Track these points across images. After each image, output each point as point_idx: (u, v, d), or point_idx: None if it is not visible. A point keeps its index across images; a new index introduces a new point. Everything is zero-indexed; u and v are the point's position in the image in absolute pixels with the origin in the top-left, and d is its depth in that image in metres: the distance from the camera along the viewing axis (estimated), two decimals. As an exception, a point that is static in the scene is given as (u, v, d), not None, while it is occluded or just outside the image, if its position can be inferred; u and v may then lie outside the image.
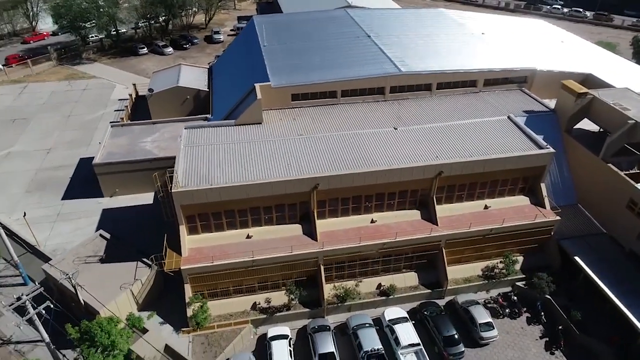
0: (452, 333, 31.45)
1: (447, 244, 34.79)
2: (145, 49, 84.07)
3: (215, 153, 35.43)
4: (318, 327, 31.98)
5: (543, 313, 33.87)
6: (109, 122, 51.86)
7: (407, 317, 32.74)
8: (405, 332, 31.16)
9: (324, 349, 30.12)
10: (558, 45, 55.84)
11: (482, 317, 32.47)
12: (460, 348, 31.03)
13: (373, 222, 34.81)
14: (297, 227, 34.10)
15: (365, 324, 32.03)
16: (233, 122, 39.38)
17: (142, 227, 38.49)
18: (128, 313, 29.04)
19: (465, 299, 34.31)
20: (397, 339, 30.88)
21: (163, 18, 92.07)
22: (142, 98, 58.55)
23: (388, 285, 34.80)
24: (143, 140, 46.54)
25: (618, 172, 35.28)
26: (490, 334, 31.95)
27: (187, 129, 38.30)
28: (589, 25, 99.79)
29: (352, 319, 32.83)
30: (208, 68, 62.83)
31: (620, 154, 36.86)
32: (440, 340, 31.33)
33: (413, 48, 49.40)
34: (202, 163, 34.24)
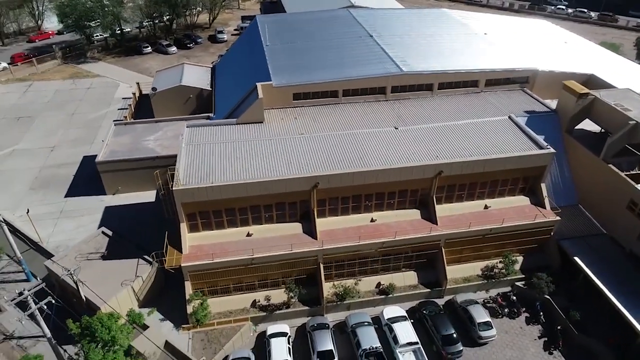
0: (450, 332, 31.54)
1: (446, 244, 34.87)
2: (149, 48, 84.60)
3: (217, 151, 35.66)
4: (317, 325, 32.12)
5: (542, 313, 33.86)
6: (113, 120, 52.25)
7: (405, 315, 32.84)
8: (404, 330, 31.28)
9: (323, 347, 30.29)
10: (561, 46, 55.72)
11: (480, 316, 32.53)
12: (459, 347, 31.12)
13: (373, 221, 34.94)
14: (297, 225, 34.28)
15: (364, 323, 32.16)
16: (234, 120, 39.62)
17: (144, 224, 38.78)
18: (129, 309, 29.33)
19: (465, 299, 34.38)
20: (395, 338, 31.00)
21: (167, 17, 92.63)
22: (145, 97, 58.91)
23: (387, 284, 34.90)
24: (146, 139, 46.88)
25: (618, 172, 35.25)
26: (489, 334, 32.00)
27: (188, 128, 38.59)
28: (594, 26, 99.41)
29: (351, 317, 32.98)
30: (211, 67, 63.13)
31: (621, 155, 36.82)
32: (439, 339, 31.42)
33: (415, 48, 49.48)
34: (203, 161, 34.49)
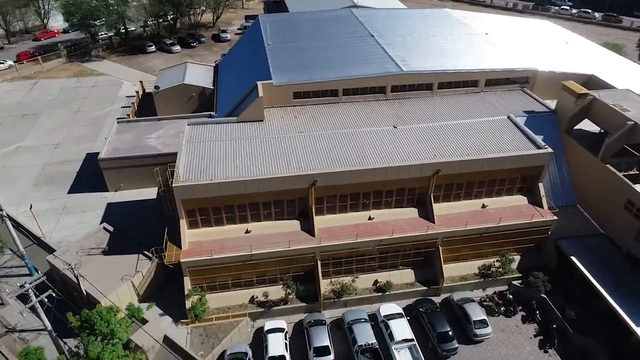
0: (446, 329, 31.78)
1: (443, 242, 35.09)
2: (154, 47, 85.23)
3: (217, 149, 36.07)
4: (314, 321, 32.45)
5: (538, 312, 34.05)
6: (116, 118, 52.80)
7: (402, 313, 33.11)
8: (400, 327, 31.56)
9: (319, 343, 30.62)
10: (562, 46, 55.74)
11: (476, 314, 32.74)
12: (454, 344, 31.37)
13: (371, 219, 35.21)
14: (295, 222, 34.61)
15: (361, 319, 32.46)
16: (235, 119, 40.03)
17: (145, 221, 39.20)
18: (128, 303, 29.76)
19: (461, 297, 34.59)
20: (391, 334, 31.29)
21: (171, 17, 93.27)
22: (148, 95, 59.60)
23: (384, 282, 35.18)
24: (148, 137, 47.39)
25: (616, 172, 35.32)
26: (484, 331, 32.21)
27: (189, 126, 39.04)
28: (598, 27, 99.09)
29: (347, 314, 33.29)
30: (214, 66, 63.63)
31: (620, 155, 36.92)
32: (434, 337, 31.66)
33: (416, 48, 49.73)
34: (203, 159, 34.91)
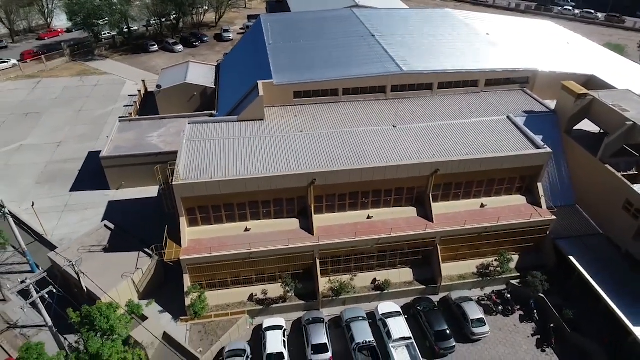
0: (443, 328, 31.94)
1: (441, 241, 35.24)
2: (156, 47, 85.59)
3: (217, 148, 36.33)
4: (312, 319, 32.64)
5: (536, 311, 34.16)
6: (118, 117, 53.15)
7: (400, 311, 33.27)
8: (397, 325, 31.72)
9: (317, 340, 30.82)
10: (563, 47, 55.76)
11: (474, 313, 32.87)
12: (452, 343, 31.53)
13: (369, 218, 35.39)
14: (294, 221, 34.83)
15: (359, 317, 32.63)
16: (235, 118, 40.30)
17: (146, 219, 39.49)
18: (128, 300, 30.05)
19: (459, 296, 34.73)
20: (389, 332, 31.45)
21: (174, 16, 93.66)
22: (151, 94, 59.83)
23: (383, 280, 35.36)
24: (149, 135, 47.70)
25: (615, 172, 35.37)
26: (482, 330, 32.34)
27: (190, 124, 39.32)
28: (600, 27, 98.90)
29: (346, 312, 33.47)
30: (216, 65, 63.89)
31: (619, 156, 36.98)
32: (432, 335, 31.82)
33: (417, 48, 49.86)
34: (203, 157, 35.17)
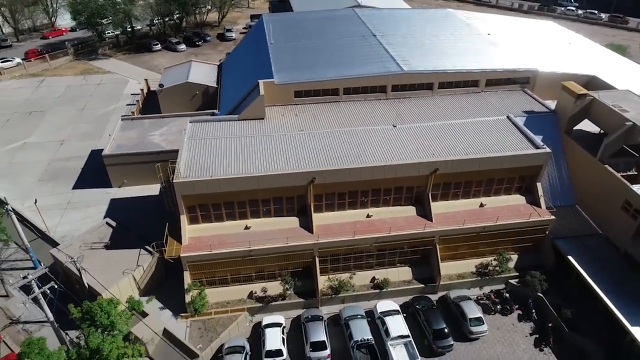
0: (441, 326, 32.11)
1: (440, 240, 35.39)
2: (159, 46, 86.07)
3: (217, 146, 36.60)
4: (311, 316, 32.85)
5: (534, 310, 34.27)
6: (121, 115, 53.52)
7: (398, 309, 33.45)
8: (396, 324, 31.90)
9: (316, 338, 31.05)
10: (565, 47, 55.77)
11: (472, 312, 33.01)
12: (450, 341, 31.70)
13: (369, 216, 35.57)
14: (294, 219, 35.05)
15: (357, 315, 32.83)
16: (236, 117, 40.55)
17: (147, 217, 39.74)
18: (128, 296, 30.37)
19: (458, 295, 34.86)
20: (387, 331, 31.64)
21: (177, 16, 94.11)
22: (153, 93, 60.21)
23: (382, 279, 35.53)
24: (151, 134, 48.07)
25: (614, 173, 35.41)
26: (480, 329, 32.48)
27: (191, 123, 39.61)
28: (604, 28, 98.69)
29: (344, 310, 33.68)
30: (218, 65, 64.20)
31: (619, 156, 37.02)
32: (430, 334, 31.99)
33: (417, 48, 50.00)
34: (204, 155, 35.45)
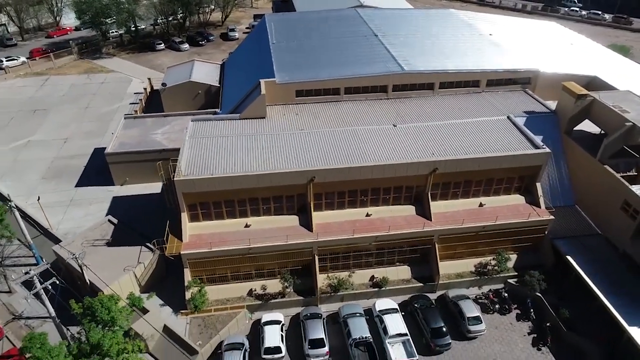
0: (439, 325, 32.27)
1: (439, 239, 35.54)
2: (163, 45, 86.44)
3: (219, 145, 36.88)
4: (310, 314, 33.11)
5: (532, 310, 34.36)
6: (124, 114, 53.92)
7: (397, 308, 33.64)
8: (394, 322, 32.11)
9: (314, 335, 31.30)
10: (567, 48, 55.74)
11: (470, 311, 33.15)
12: (447, 340, 31.87)
13: (368, 215, 35.77)
14: (294, 218, 35.31)
15: (356, 314, 33.04)
16: (237, 115, 40.82)
17: (149, 214, 40.11)
18: (129, 293, 30.66)
19: (456, 294, 35.03)
20: (385, 329, 31.85)
21: (181, 15, 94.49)
22: (156, 92, 60.68)
23: (381, 278, 35.70)
24: (154, 132, 48.44)
25: (613, 173, 35.48)
26: (478, 328, 32.63)
27: (193, 122, 39.92)
28: (607, 28, 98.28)
29: (343, 308, 33.90)
30: (221, 64, 64.50)
31: (619, 156, 37.06)
32: (428, 332, 32.16)
33: (419, 48, 50.15)
34: (205, 154, 35.75)
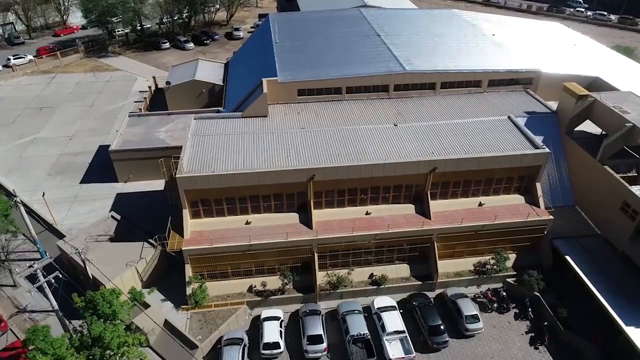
0: (437, 323, 32.50)
1: (439, 238, 35.74)
2: (168, 44, 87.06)
3: (220, 143, 37.30)
4: (309, 311, 33.46)
5: (531, 309, 34.49)
6: (128, 112, 54.52)
7: (395, 305, 33.93)
8: (392, 319, 32.40)
9: (313, 332, 31.63)
10: (570, 48, 55.69)
11: (468, 309, 33.36)
12: (445, 337, 32.09)
13: (368, 214, 36.06)
14: (294, 215, 35.66)
15: (354, 311, 33.36)
16: (240, 114, 41.23)
17: (152, 211, 40.44)
18: (131, 287, 31.18)
19: (455, 292, 35.25)
20: (383, 326, 32.14)
21: (186, 14, 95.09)
22: (161, 90, 61.29)
23: (380, 276, 35.96)
24: (157, 130, 48.97)
25: (613, 174, 35.56)
26: (475, 326, 32.84)
27: (195, 120, 40.35)
28: (613, 29, 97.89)
29: (342, 305, 34.22)
30: (225, 63, 64.96)
31: (619, 157, 37.12)
32: (426, 330, 32.40)
33: (421, 47, 50.35)
34: (206, 151, 36.18)
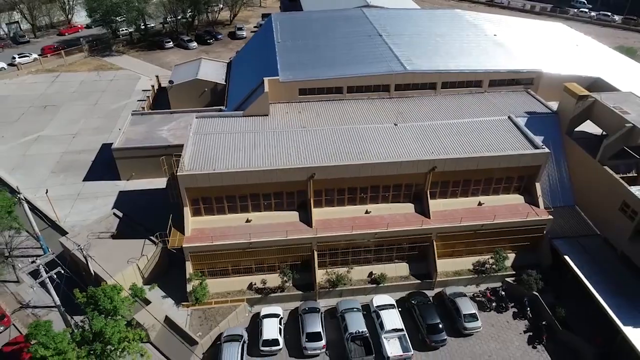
0: (435, 321, 32.68)
1: (438, 237, 35.91)
2: (171, 43, 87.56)
3: (222, 141, 37.60)
4: (308, 308, 33.71)
5: (529, 309, 34.60)
6: (131, 111, 54.92)
7: (394, 304, 34.14)
8: (390, 317, 32.61)
9: (312, 329, 31.90)
10: (572, 49, 55.66)
11: (466, 308, 33.53)
12: (443, 336, 32.27)
13: (367, 212, 36.27)
14: (294, 214, 35.90)
15: (353, 309, 33.59)
16: (241, 113, 41.53)
17: (154, 209, 40.76)
18: (132, 284, 31.48)
19: (453, 291, 35.42)
20: (382, 324, 32.36)
21: (189, 14, 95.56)
22: (164, 89, 61.54)
23: (379, 274, 36.15)
24: (160, 129, 49.32)
25: (613, 174, 35.63)
26: (474, 325, 33.00)
27: (197, 118, 40.68)
28: (616, 30, 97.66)
29: (341, 303, 34.46)
30: (227, 62, 65.29)
31: (620, 158, 37.17)
32: (424, 328, 32.59)
33: (422, 47, 50.48)
34: (208, 150, 36.48)
